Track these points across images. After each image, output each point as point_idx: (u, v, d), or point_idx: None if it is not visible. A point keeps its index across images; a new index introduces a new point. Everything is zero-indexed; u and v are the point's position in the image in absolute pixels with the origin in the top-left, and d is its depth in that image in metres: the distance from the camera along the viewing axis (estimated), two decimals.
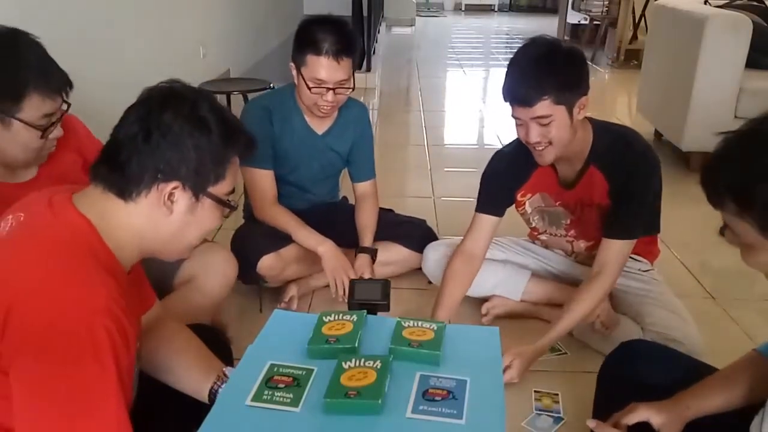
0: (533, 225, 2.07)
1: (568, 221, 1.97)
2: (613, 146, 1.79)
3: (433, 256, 2.18)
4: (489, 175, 1.99)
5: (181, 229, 1.07)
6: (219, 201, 1.08)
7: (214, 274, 1.81)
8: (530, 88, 1.63)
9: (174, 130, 1.00)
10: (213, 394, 1.16)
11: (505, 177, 1.96)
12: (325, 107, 2.02)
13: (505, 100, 1.70)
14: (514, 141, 1.92)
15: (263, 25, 6.16)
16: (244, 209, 2.37)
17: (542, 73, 1.63)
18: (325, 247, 2.05)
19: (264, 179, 2.13)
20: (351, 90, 2.04)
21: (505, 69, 1.70)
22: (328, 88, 1.97)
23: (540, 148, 1.71)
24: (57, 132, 1.41)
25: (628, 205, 1.77)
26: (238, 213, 2.39)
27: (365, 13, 5.74)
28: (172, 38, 4.17)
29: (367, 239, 2.18)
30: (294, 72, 2.04)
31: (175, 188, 1.02)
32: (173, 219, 1.04)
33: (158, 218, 1.04)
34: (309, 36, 1.95)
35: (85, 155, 1.61)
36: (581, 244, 2.02)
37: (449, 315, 1.92)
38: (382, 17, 9.13)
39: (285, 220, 2.11)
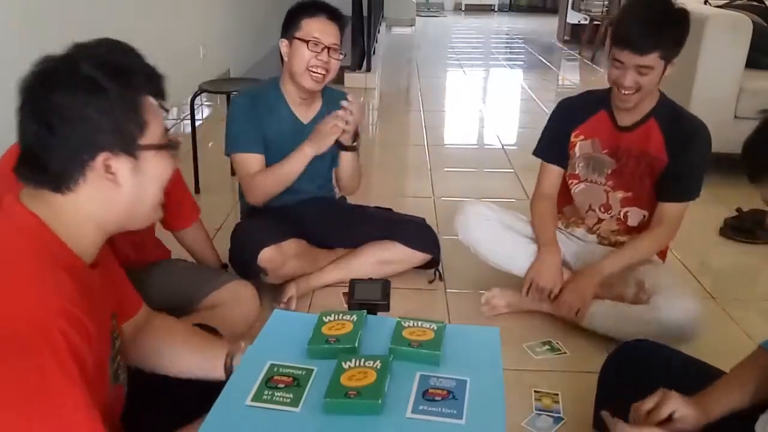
0: (576, 171, 2.11)
1: (610, 171, 2.04)
2: (674, 110, 1.98)
3: (472, 209, 2.19)
4: (551, 117, 2.16)
5: (137, 194, 1.00)
6: (158, 147, 1.00)
7: (239, 307, 1.83)
8: (649, 38, 1.78)
9: (70, 108, 0.92)
10: (229, 369, 1.16)
11: (565, 117, 2.10)
12: (318, 70, 2.08)
13: (616, 44, 1.83)
14: (578, 94, 2.14)
15: (263, 25, 6.17)
16: (241, 206, 2.38)
17: (663, 27, 1.79)
18: (309, 146, 2.09)
19: (253, 162, 2.16)
20: (342, 57, 2.14)
21: (505, 68, 1.75)
22: (324, 47, 2.06)
23: (628, 92, 1.86)
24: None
25: (684, 168, 1.92)
26: (237, 211, 2.40)
27: (365, 13, 5.75)
28: (172, 38, 4.17)
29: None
30: (285, 48, 2.11)
31: (106, 160, 0.95)
32: (124, 189, 0.98)
33: (109, 195, 0.97)
34: (301, 7, 2.11)
35: None
36: (618, 195, 2.05)
37: (553, 240, 2.08)
38: (382, 17, 9.14)
39: (268, 171, 2.15)
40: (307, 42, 2.06)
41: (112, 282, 1.12)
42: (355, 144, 2.18)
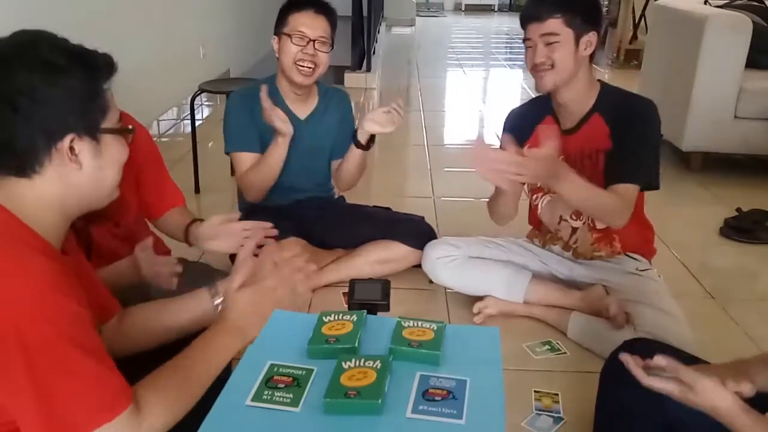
0: (538, 184, 2.06)
1: None
2: (618, 97, 1.92)
3: (434, 254, 2.17)
4: (502, 137, 2.02)
5: (97, 177, 1.02)
6: (117, 131, 1.04)
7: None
8: (545, 4, 1.81)
9: (37, 86, 0.93)
10: (217, 305, 1.23)
11: (514, 132, 1.96)
12: (305, 63, 2.08)
13: (522, 23, 1.88)
14: (523, 104, 2.09)
15: (263, 25, 6.16)
16: (240, 205, 2.38)
17: None
18: (277, 132, 2.09)
19: (249, 160, 2.16)
20: (330, 49, 2.13)
21: (505, 68, 1.73)
22: (309, 40, 2.06)
23: (543, 68, 1.83)
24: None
25: (629, 147, 1.82)
26: (236, 210, 2.40)
27: (365, 13, 5.75)
28: (172, 38, 4.17)
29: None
30: (276, 45, 2.13)
31: (72, 141, 0.96)
32: (85, 171, 1.00)
33: (71, 178, 0.99)
34: (290, 2, 2.13)
35: (133, 152, 1.62)
36: None
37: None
38: (382, 17, 9.13)
39: (257, 164, 2.15)
40: (291, 36, 2.08)
41: (87, 277, 1.13)
42: (371, 144, 2.18)
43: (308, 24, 2.08)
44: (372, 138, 2.17)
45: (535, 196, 2.11)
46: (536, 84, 1.90)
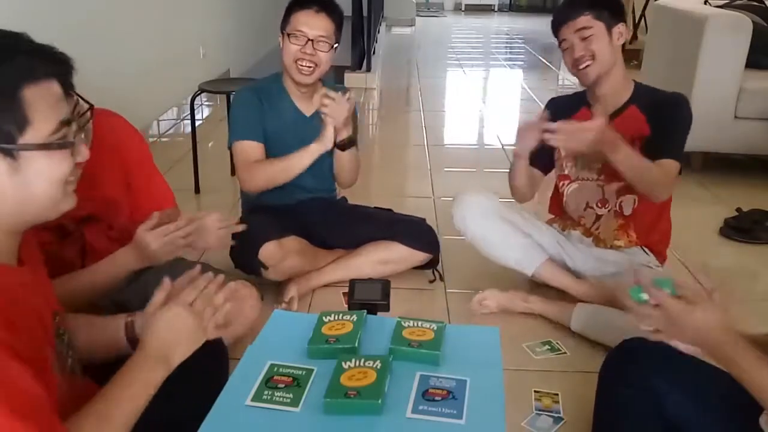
0: (565, 171, 2.11)
1: (601, 164, 2.01)
2: (653, 92, 2.03)
3: (469, 198, 2.16)
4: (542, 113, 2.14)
5: (23, 194, 0.90)
6: (41, 147, 0.88)
7: (239, 307, 1.80)
8: (574, 5, 1.93)
9: None
10: (132, 338, 1.17)
11: (550, 119, 2.01)
12: (305, 62, 2.08)
13: (554, 29, 1.98)
14: (561, 96, 2.18)
15: (263, 25, 6.17)
16: (243, 202, 2.38)
17: None
18: (318, 141, 2.10)
19: (253, 149, 2.15)
20: (331, 49, 2.11)
21: (505, 68, 1.75)
22: (308, 39, 2.06)
23: (585, 63, 1.92)
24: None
25: (668, 128, 1.92)
26: (238, 209, 2.40)
27: (365, 13, 5.75)
28: (172, 38, 4.17)
29: None
30: (282, 43, 2.12)
31: None
32: (2, 189, 0.88)
33: None
34: (294, 1, 2.13)
35: (123, 154, 1.61)
36: (613, 187, 2.03)
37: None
38: (382, 17, 9.14)
39: (274, 160, 2.14)
40: (291, 35, 2.08)
41: (45, 282, 1.07)
42: (343, 141, 2.16)
43: (308, 23, 2.08)
44: (348, 139, 2.16)
45: (562, 183, 2.14)
46: (580, 79, 1.99)
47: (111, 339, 1.19)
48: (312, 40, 2.07)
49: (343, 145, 2.17)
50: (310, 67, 2.09)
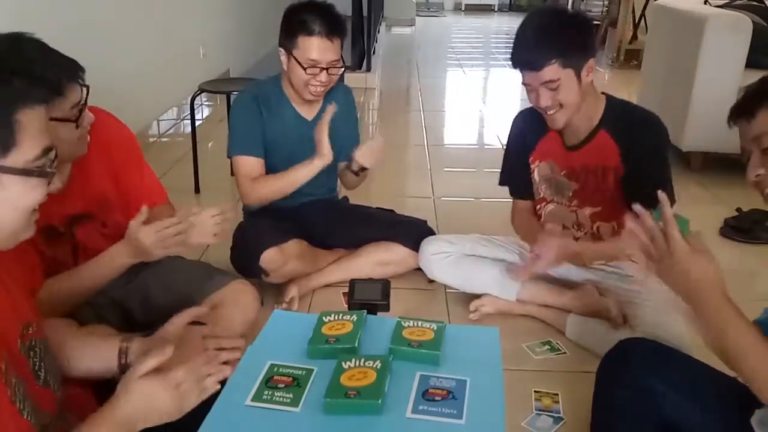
0: (541, 194, 2.07)
1: (572, 192, 1.98)
2: (624, 112, 1.85)
3: (429, 250, 2.17)
4: (507, 146, 2.12)
5: None
6: (19, 173, 0.87)
7: (239, 307, 1.81)
8: (537, 52, 1.69)
9: None
10: (124, 365, 1.17)
11: (519, 145, 2.02)
12: (317, 88, 2.05)
13: (514, 67, 1.76)
14: (526, 108, 1.99)
15: (263, 25, 6.17)
16: (244, 207, 2.37)
17: (549, 37, 1.68)
18: (319, 157, 2.04)
19: (254, 165, 2.12)
20: (342, 70, 2.08)
21: (505, 68, 1.72)
22: (321, 68, 2.00)
23: (551, 112, 1.77)
24: (89, 118, 1.41)
25: (646, 169, 1.78)
26: (238, 210, 2.39)
27: (365, 13, 5.75)
28: (172, 38, 4.17)
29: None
30: (284, 57, 2.06)
31: None
32: None
33: None
34: (298, 18, 1.99)
35: (113, 151, 1.62)
36: (586, 212, 2.00)
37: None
38: (382, 17, 9.13)
39: (273, 178, 2.12)
40: (302, 63, 1.99)
41: (13, 293, 1.03)
42: (359, 168, 2.16)
43: (320, 50, 1.97)
44: (363, 168, 2.16)
45: (539, 205, 2.11)
46: (547, 122, 1.83)
47: (104, 362, 1.20)
48: (327, 68, 2.02)
49: (357, 172, 2.17)
50: (321, 89, 2.07)
